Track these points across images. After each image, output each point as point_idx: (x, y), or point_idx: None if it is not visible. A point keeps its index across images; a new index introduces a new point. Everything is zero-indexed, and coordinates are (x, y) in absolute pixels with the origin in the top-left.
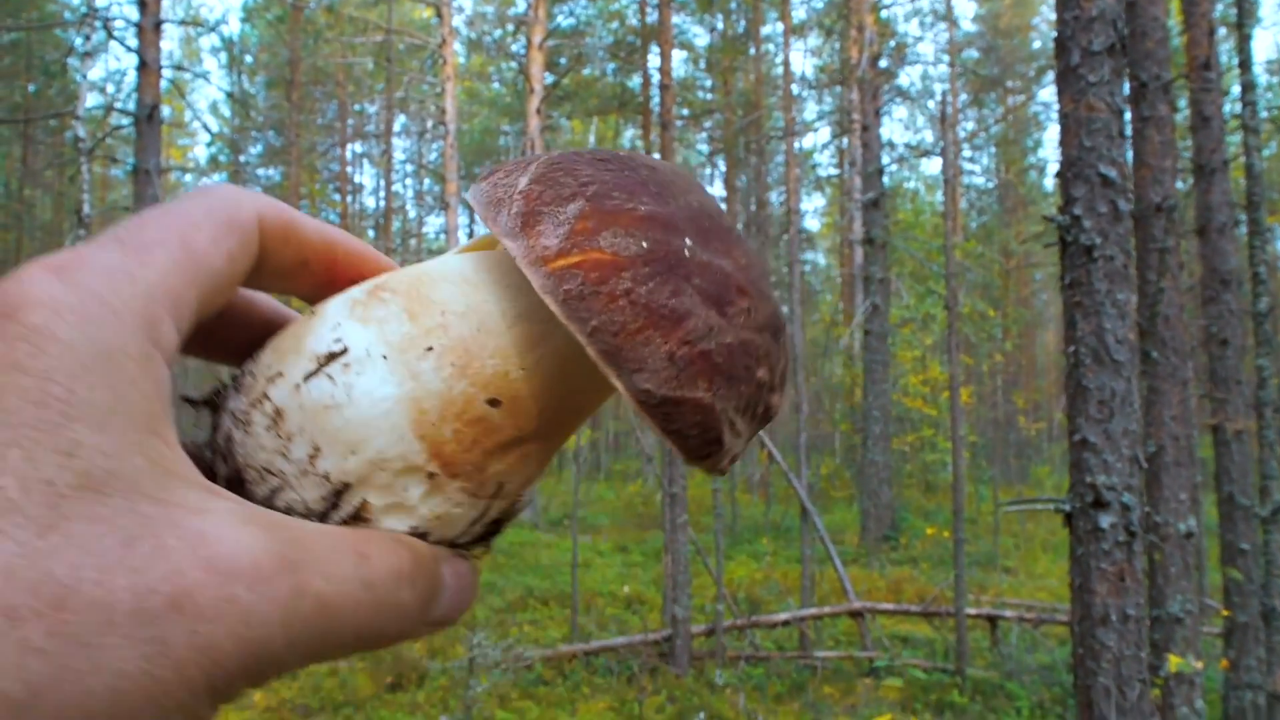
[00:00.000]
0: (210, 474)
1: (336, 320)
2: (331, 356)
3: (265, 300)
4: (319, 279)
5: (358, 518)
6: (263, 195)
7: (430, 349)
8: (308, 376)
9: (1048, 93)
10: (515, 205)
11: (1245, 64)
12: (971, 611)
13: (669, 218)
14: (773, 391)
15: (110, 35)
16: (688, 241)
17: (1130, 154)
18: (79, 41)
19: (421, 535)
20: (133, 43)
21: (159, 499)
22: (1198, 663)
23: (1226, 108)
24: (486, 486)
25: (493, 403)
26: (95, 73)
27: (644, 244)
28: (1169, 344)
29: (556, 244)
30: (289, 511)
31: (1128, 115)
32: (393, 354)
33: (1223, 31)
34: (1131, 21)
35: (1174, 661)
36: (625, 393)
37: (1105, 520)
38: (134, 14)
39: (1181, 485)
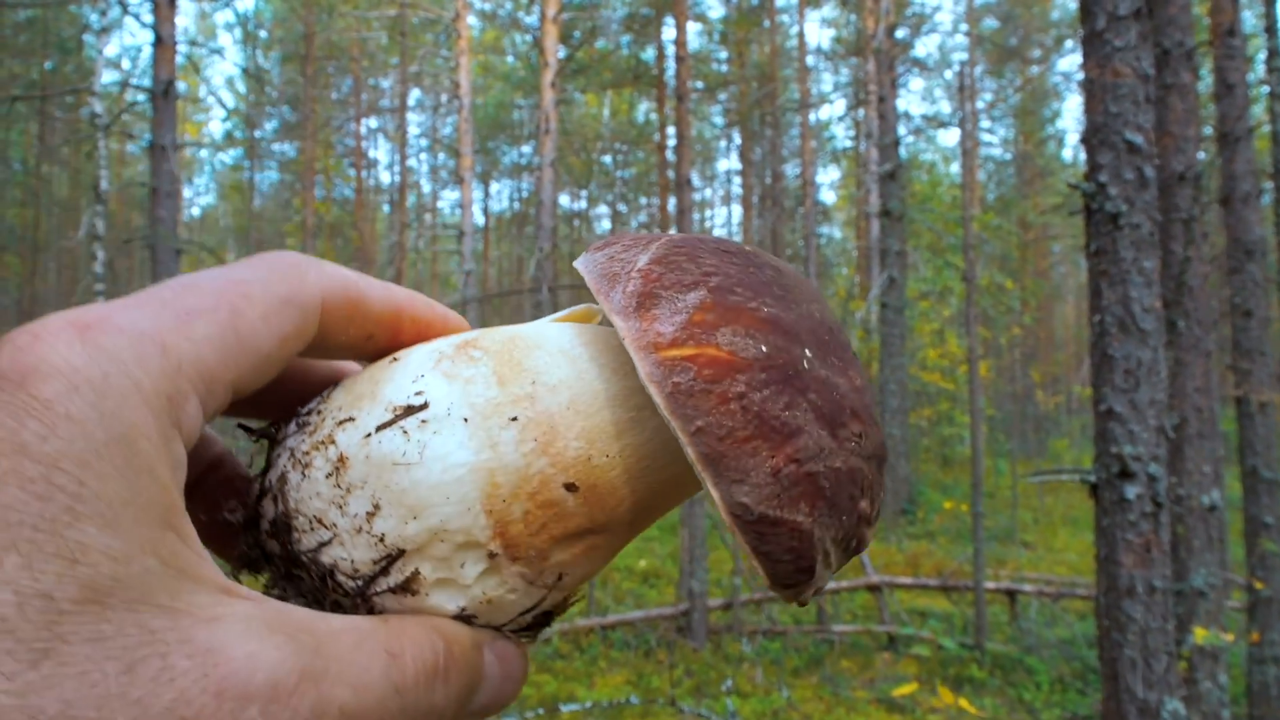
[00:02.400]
0: (255, 513)
1: (420, 372)
2: (410, 410)
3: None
4: (382, 348)
5: (406, 588)
6: (329, 267)
7: (515, 419)
8: (380, 427)
9: (1067, 62)
10: (632, 284)
11: (1271, 29)
12: (990, 586)
13: (791, 325)
14: (869, 525)
15: (126, 11)
16: (808, 353)
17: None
18: (95, 18)
19: (468, 618)
20: (148, 18)
21: (170, 607)
22: (1227, 635)
23: (1251, 75)
24: (546, 575)
25: (570, 487)
26: (111, 49)
27: (764, 348)
28: (1193, 315)
29: (671, 332)
30: (333, 570)
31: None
32: (474, 418)
33: None
34: None
35: (1200, 634)
36: (720, 503)
37: (1131, 491)
38: None
39: (1205, 458)
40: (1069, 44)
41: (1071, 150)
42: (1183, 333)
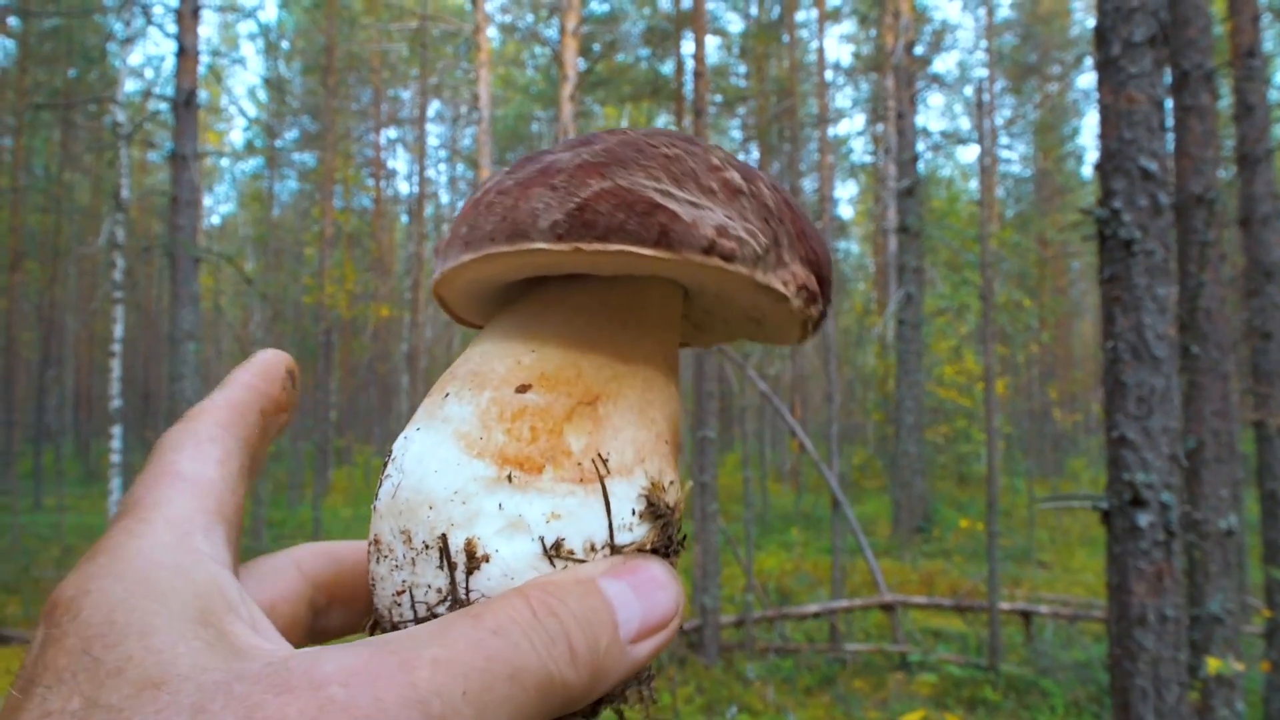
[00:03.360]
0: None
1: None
2: (386, 464)
3: None
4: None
5: (473, 558)
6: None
7: (448, 394)
8: (377, 493)
9: (1086, 79)
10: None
11: None
12: (1005, 606)
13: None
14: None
15: (149, 21)
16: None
17: (1171, 144)
18: (119, 27)
19: (558, 546)
20: (171, 28)
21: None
22: (1238, 664)
23: (1271, 96)
24: (585, 466)
25: (522, 389)
26: (134, 58)
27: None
28: (1210, 338)
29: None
30: (425, 606)
31: (1169, 105)
32: (421, 421)
33: (1267, 19)
34: (1174, 9)
35: (1213, 664)
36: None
37: (1143, 519)
38: (173, 0)
39: (1222, 481)
40: (1088, 61)
41: (1091, 168)
42: (1199, 356)
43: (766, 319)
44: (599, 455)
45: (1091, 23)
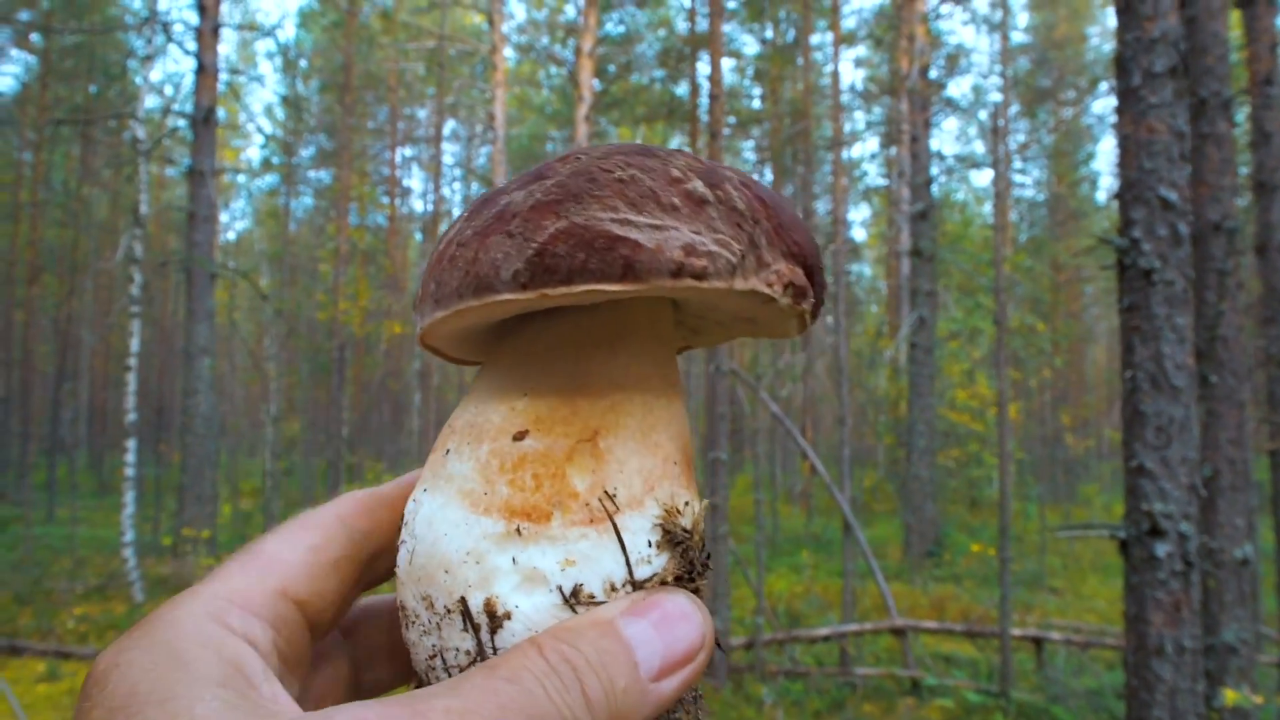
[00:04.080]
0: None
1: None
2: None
3: None
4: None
5: (495, 618)
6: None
7: (448, 450)
8: (396, 561)
9: (1101, 105)
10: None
11: None
12: (1017, 632)
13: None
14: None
15: (169, 39)
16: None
17: (1188, 172)
18: (139, 45)
19: (576, 592)
20: (191, 46)
21: None
22: (1256, 697)
23: None
24: (594, 506)
25: (519, 436)
26: (154, 75)
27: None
28: (1226, 366)
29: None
30: (458, 669)
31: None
32: (427, 482)
33: None
34: (1191, 37)
35: (1230, 696)
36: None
37: (1161, 549)
38: (193, 18)
39: (1238, 510)
40: (1103, 86)
41: (1105, 193)
42: (1216, 385)
43: (759, 318)
44: (605, 493)
45: (1107, 48)
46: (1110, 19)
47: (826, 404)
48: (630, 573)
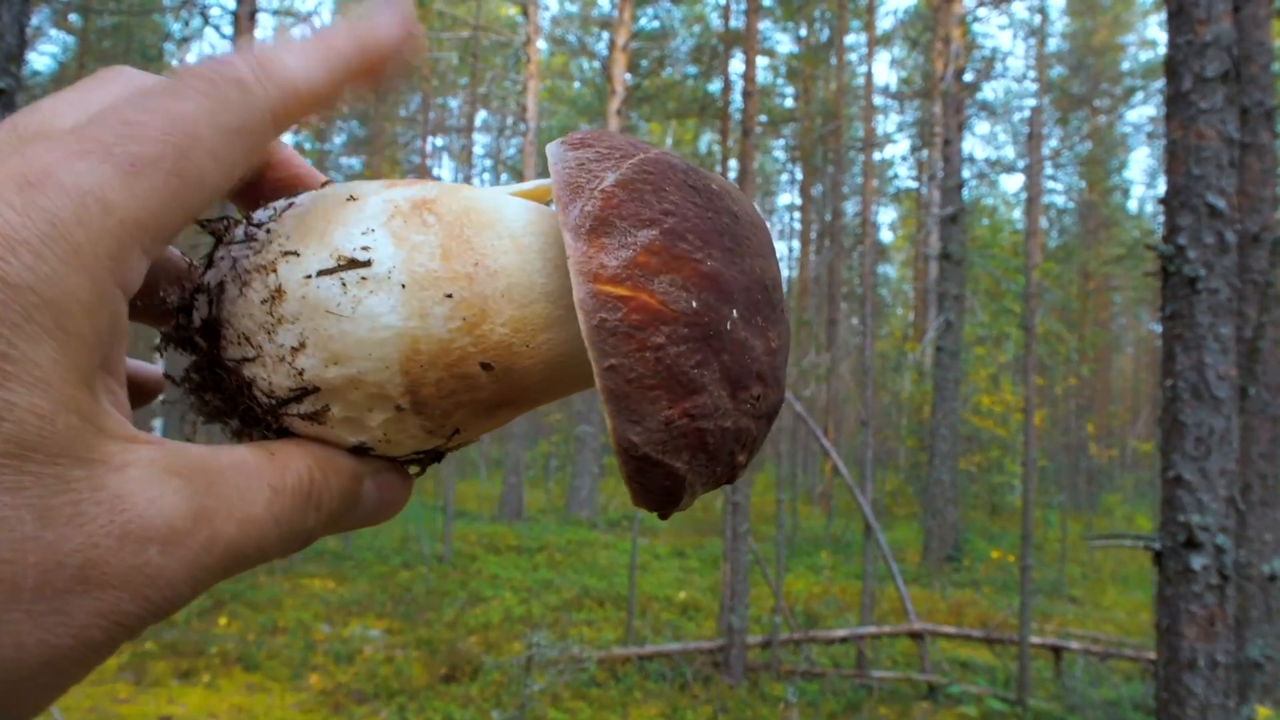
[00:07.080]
0: (190, 303)
1: (371, 225)
2: (353, 264)
3: (287, 161)
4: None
5: (314, 418)
6: (276, 75)
7: (449, 295)
8: (321, 272)
9: (1136, 114)
10: (591, 203)
11: None
12: (1035, 640)
13: (729, 282)
14: (741, 469)
15: (207, 22)
16: (735, 314)
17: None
18: (177, 28)
19: (364, 450)
20: (228, 30)
21: (86, 459)
22: None
23: None
24: (445, 429)
25: (485, 366)
26: (191, 58)
27: (694, 304)
28: (1261, 379)
29: (614, 266)
30: (251, 384)
31: None
32: (412, 286)
33: None
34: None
35: (1262, 713)
36: (613, 435)
37: (1197, 562)
38: (230, 2)
39: (1268, 525)
40: (1139, 95)
41: (1137, 201)
42: (1253, 397)
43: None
44: (458, 430)
45: (1145, 57)
46: (1150, 28)
47: (850, 405)
48: None
